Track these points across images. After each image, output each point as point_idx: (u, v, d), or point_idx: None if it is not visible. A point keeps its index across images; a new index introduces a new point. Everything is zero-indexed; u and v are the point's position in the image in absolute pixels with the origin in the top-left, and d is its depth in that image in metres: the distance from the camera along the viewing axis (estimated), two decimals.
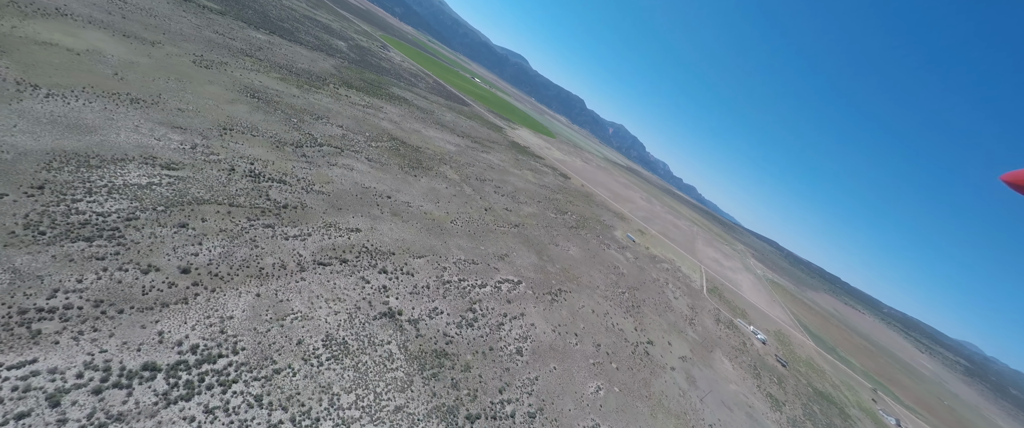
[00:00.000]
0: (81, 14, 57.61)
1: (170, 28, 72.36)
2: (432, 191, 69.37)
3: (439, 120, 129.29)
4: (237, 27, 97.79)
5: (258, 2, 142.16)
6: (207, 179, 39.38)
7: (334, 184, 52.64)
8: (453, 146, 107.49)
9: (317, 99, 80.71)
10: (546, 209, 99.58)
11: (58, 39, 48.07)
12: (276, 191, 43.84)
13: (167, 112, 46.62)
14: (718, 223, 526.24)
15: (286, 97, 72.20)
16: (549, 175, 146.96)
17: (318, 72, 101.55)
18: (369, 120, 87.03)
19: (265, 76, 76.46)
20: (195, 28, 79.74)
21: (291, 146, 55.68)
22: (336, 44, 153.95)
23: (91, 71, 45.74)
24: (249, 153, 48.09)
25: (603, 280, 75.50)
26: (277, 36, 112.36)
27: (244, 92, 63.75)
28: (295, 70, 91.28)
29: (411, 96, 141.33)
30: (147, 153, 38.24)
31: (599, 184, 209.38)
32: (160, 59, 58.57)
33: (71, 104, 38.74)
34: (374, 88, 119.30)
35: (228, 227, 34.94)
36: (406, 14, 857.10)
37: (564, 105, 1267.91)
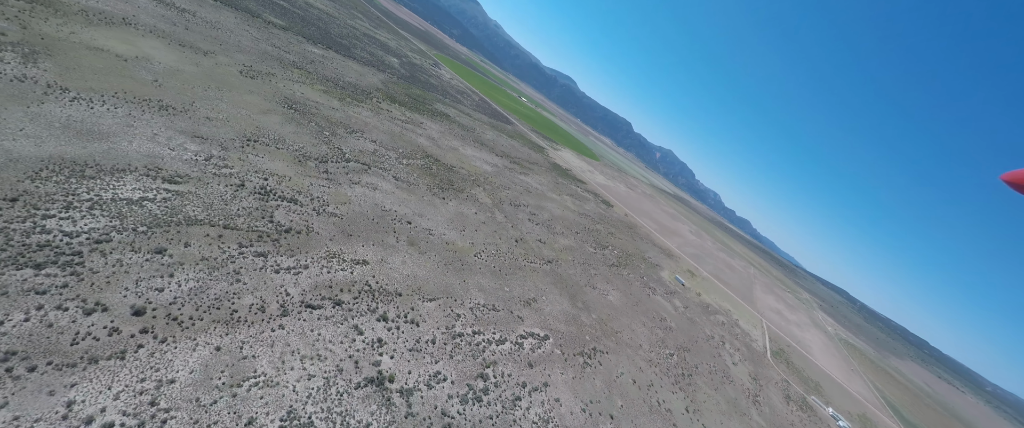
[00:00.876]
0: (145, 24, 60.15)
1: (229, 40, 74.98)
2: (459, 217, 63.15)
3: (479, 138, 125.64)
4: (295, 41, 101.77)
5: (323, 21, 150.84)
6: (209, 196, 35.78)
7: (351, 205, 47.99)
8: (490, 166, 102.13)
9: (356, 112, 79.35)
10: (585, 242, 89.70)
11: (111, 45, 49.07)
12: (283, 212, 39.53)
13: (194, 120, 44.97)
14: (777, 265, 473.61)
15: (324, 109, 70.99)
16: (590, 202, 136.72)
17: (364, 86, 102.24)
18: (405, 136, 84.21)
19: (309, 88, 76.47)
20: (254, 41, 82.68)
21: (315, 161, 52.42)
22: (389, 60, 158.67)
23: (131, 77, 45.52)
24: (266, 167, 44.87)
25: (647, 336, 63.67)
26: (333, 51, 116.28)
27: (282, 103, 62.79)
28: (341, 83, 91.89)
29: (454, 113, 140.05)
30: (153, 164, 35.51)
31: (644, 214, 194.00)
32: (208, 68, 59.11)
33: (94, 109, 37.43)
34: (418, 103, 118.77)
35: (212, 255, 30.32)
36: (462, 35, 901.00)
37: (610, 127, 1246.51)
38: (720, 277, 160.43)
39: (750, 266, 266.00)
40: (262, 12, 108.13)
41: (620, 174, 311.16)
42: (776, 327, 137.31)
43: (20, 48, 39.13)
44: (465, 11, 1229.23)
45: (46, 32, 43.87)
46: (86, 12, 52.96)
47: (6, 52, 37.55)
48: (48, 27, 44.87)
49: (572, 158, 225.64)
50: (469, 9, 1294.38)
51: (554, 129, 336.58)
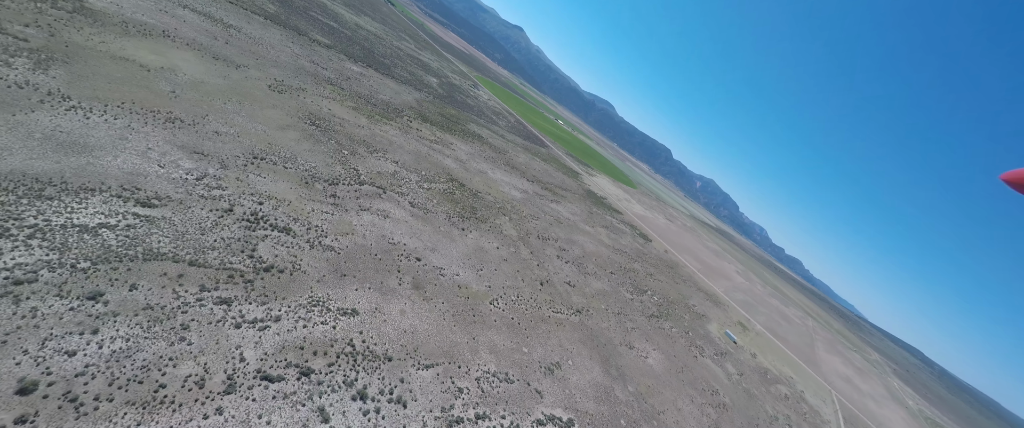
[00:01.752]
0: (185, 37, 60.35)
1: (267, 55, 75.11)
2: (478, 252, 55.65)
3: (510, 161, 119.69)
4: (336, 59, 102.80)
5: (369, 41, 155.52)
6: (185, 223, 30.84)
7: (354, 236, 42.00)
8: (519, 192, 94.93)
9: (383, 131, 75.92)
10: (620, 285, 78.64)
11: (138, 56, 48.07)
12: (269, 244, 33.94)
13: (200, 135, 41.66)
14: (836, 315, 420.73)
15: (349, 126, 67.78)
16: (627, 235, 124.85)
17: (398, 104, 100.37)
18: (431, 157, 79.44)
19: (338, 104, 74.28)
20: (293, 57, 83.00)
21: (324, 183, 47.61)
22: (428, 80, 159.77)
23: (147, 87, 43.47)
24: (266, 189, 40.18)
25: (697, 418, 51.22)
26: (372, 69, 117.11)
27: (304, 118, 59.89)
28: (374, 101, 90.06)
29: (487, 134, 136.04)
30: (132, 183, 31.35)
31: (686, 250, 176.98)
32: (235, 81, 57.59)
33: (90, 119, 34.51)
34: (450, 123, 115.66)
35: (161, 302, 24.56)
36: (505, 59, 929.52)
37: (648, 153, 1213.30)
38: (776, 331, 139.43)
39: (808, 317, 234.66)
40: (310, 31, 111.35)
41: (659, 204, 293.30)
42: (849, 401, 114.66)
43: (37, 54, 37.73)
44: (509, 36, 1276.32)
45: (74, 40, 43.08)
46: (126, 23, 53.26)
47: (19, 57, 36.02)
48: (78, 36, 44.26)
49: (608, 185, 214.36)
50: (512, 35, 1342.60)
51: (590, 153, 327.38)
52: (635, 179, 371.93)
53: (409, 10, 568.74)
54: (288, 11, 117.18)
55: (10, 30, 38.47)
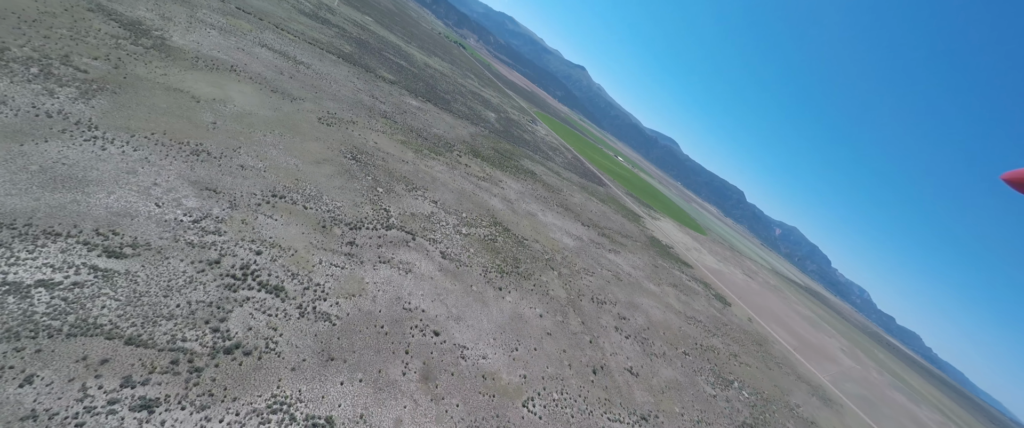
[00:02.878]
0: (250, 71, 62.09)
1: (328, 89, 76.21)
2: (516, 322, 44.52)
3: (565, 202, 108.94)
4: (396, 94, 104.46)
5: (434, 78, 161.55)
6: (150, 280, 24.91)
7: (361, 299, 33.92)
8: (572, 239, 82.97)
9: (428, 166, 70.95)
10: (697, 372, 60.73)
11: (195, 88, 48.18)
12: (246, 312, 26.80)
13: (222, 169, 38.10)
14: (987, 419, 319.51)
15: (392, 161, 63.49)
16: (700, 296, 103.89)
17: (451, 138, 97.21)
18: (477, 196, 72.11)
19: (387, 137, 71.47)
20: (354, 91, 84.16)
21: (345, 226, 41.31)
22: (486, 115, 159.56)
23: (187, 118, 41.97)
24: (272, 234, 34.37)
25: None
26: (431, 104, 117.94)
27: (345, 152, 56.40)
28: (426, 135, 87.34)
29: (541, 171, 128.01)
30: (113, 226, 26.73)
31: (774, 317, 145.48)
32: (286, 114, 56.50)
33: (105, 151, 31.87)
34: (503, 159, 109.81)
35: (53, 407, 17.46)
36: (565, 96, 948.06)
37: (717, 194, 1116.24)
38: None
39: (949, 423, 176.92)
40: (378, 68, 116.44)
41: (734, 255, 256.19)
42: None
43: (89, 85, 37.56)
44: (571, 75, 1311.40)
45: (136, 72, 43.74)
46: (198, 58, 55.39)
47: (67, 87, 35.69)
48: (143, 68, 45.17)
49: (674, 230, 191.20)
50: (574, 74, 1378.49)
51: (653, 193, 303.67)
52: (704, 223, 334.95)
53: (479, 53, 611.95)
54: (363, 51, 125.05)
55: (75, 62, 39.35)
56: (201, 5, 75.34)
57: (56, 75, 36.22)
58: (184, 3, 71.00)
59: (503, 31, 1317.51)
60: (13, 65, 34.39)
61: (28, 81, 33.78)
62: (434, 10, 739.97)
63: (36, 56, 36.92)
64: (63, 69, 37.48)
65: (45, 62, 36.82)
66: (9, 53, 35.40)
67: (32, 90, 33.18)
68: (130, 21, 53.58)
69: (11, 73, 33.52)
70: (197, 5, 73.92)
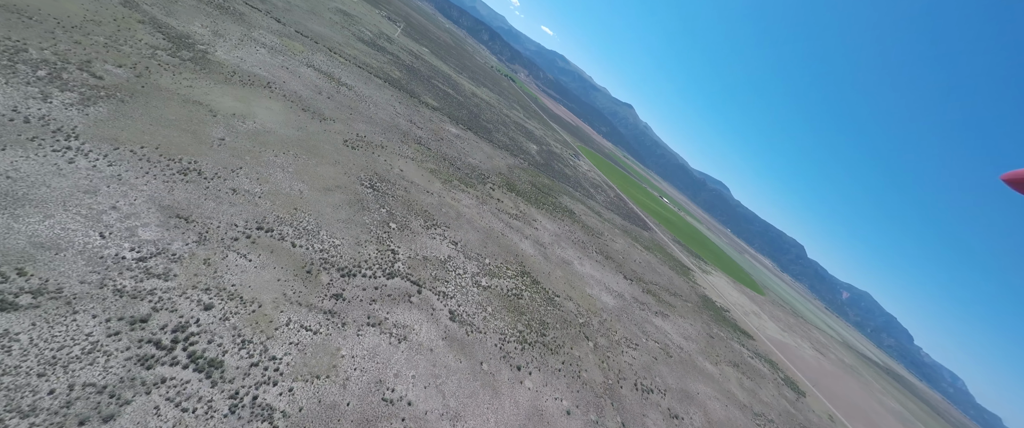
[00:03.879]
0: (288, 89, 60.06)
1: (365, 111, 73.43)
2: (535, 421, 33.22)
3: (605, 248, 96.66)
4: (437, 120, 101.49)
5: (479, 107, 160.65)
6: (28, 350, 17.98)
7: (326, 383, 25.13)
8: (612, 297, 70.32)
9: (456, 199, 63.76)
10: None
11: (218, 101, 45.23)
12: (149, 405, 18.90)
13: (208, 192, 32.63)
14: None
15: (415, 191, 56.95)
16: (767, 382, 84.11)
17: (485, 169, 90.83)
18: (506, 238, 63.14)
19: (416, 165, 65.87)
20: (391, 115, 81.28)
21: (335, 272, 33.73)
22: (527, 146, 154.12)
23: (193, 132, 37.95)
24: (236, 282, 27.29)
25: None
26: (471, 132, 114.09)
27: (364, 179, 50.60)
28: (458, 164, 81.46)
29: (581, 210, 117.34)
30: (24, 262, 20.72)
31: (860, 415, 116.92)
32: (310, 134, 52.49)
33: (73, 164, 27.21)
34: (540, 195, 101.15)
35: None
36: (610, 132, 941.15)
37: (772, 246, 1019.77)
38: None
39: None
40: (423, 94, 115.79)
41: (799, 322, 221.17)
42: None
43: (96, 92, 34.61)
44: (617, 113, 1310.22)
45: (158, 82, 41.29)
46: (235, 73, 53.79)
47: (69, 92, 32.66)
48: (168, 79, 42.87)
49: (728, 288, 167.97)
50: (621, 111, 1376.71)
51: (701, 241, 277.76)
52: (760, 280, 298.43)
53: (528, 87, 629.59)
54: (411, 77, 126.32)
55: (94, 68, 37.15)
56: (259, 25, 77.64)
57: (63, 79, 33.58)
58: (242, 22, 73.07)
59: (553, 68, 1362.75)
60: (21, 66, 32.02)
61: (27, 83, 30.95)
62: (490, 46, 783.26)
63: (53, 59, 34.87)
64: (75, 74, 35.04)
65: (59, 66, 34.56)
66: (25, 55, 33.42)
67: (24, 92, 30.11)
68: (178, 34, 53.59)
69: (13, 74, 30.91)
70: (255, 25, 76.08)
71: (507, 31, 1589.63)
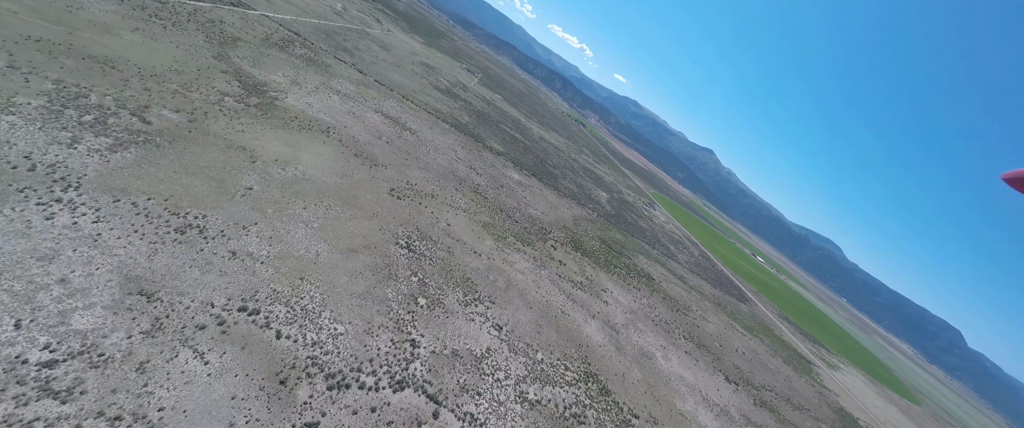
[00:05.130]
0: (347, 133, 57.91)
1: (422, 157, 69.25)
2: None
3: (695, 331, 75.35)
4: (499, 165, 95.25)
5: (546, 152, 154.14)
6: None
7: None
8: (714, 416, 49.97)
9: (508, 261, 52.91)
10: None
11: (265, 147, 42.51)
12: None
13: (197, 258, 26.55)
14: None
15: (460, 252, 47.56)
16: None
17: (549, 222, 79.62)
18: (567, 319, 49.38)
19: (467, 218, 57.52)
20: (450, 161, 76.45)
21: (321, 381, 24.03)
22: (597, 194, 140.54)
23: (219, 180, 33.93)
24: (162, 407, 18.83)
25: None
26: (535, 179, 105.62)
27: (401, 236, 42.83)
28: (518, 216, 71.69)
29: (660, 274, 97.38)
30: None
31: None
32: (355, 181, 47.60)
33: (50, 220, 22.90)
34: (611, 254, 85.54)
35: None
36: (688, 178, 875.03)
37: (909, 326, 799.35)
38: None
39: None
40: (489, 139, 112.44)
41: None
42: None
43: (134, 136, 32.59)
44: (696, 158, 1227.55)
45: (209, 127, 39.62)
46: (296, 118, 52.73)
47: (104, 137, 30.59)
48: (221, 124, 41.37)
49: (868, 393, 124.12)
50: (701, 156, 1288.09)
51: (816, 317, 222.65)
52: (907, 378, 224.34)
53: (598, 131, 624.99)
54: (479, 122, 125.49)
55: (148, 113, 36.14)
56: (340, 75, 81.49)
57: (107, 124, 32.06)
58: (325, 73, 76.86)
59: (625, 113, 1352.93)
60: (68, 111, 31.06)
61: (63, 128, 29.31)
62: (562, 94, 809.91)
63: (109, 104, 34.24)
64: (124, 119, 33.76)
65: (110, 111, 33.61)
66: (82, 100, 32.99)
67: (52, 137, 28.12)
68: (255, 82, 55.17)
69: (56, 118, 29.63)
70: (336, 75, 79.83)
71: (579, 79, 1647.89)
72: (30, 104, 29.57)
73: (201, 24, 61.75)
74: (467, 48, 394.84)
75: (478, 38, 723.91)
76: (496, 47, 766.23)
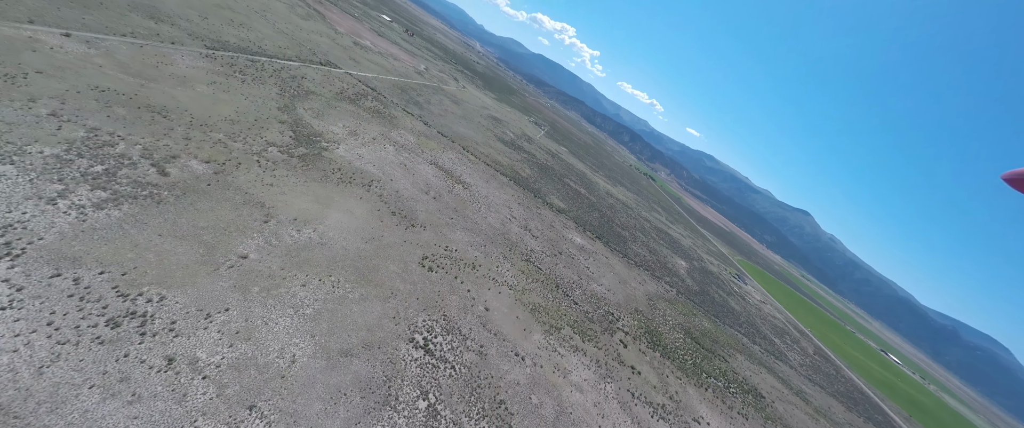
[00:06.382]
0: (392, 187, 52.37)
1: (472, 215, 61.09)
2: None
3: None
4: (560, 225, 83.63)
5: (613, 209, 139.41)
6: None
7: None
8: None
9: (562, 368, 38.76)
10: None
11: (286, 203, 37.18)
12: None
13: (120, 364, 18.81)
14: None
15: (495, 353, 35.25)
16: None
17: (616, 303, 63.85)
18: None
19: (512, 298, 45.75)
20: (502, 221, 67.24)
21: None
22: (674, 263, 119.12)
23: (208, 247, 27.73)
24: None
25: None
26: (600, 242, 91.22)
27: (416, 331, 32.43)
28: (577, 294, 57.78)
29: (771, 386, 71.82)
30: None
31: None
32: (379, 248, 39.84)
33: None
34: (701, 355, 64.98)
35: None
36: (779, 243, 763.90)
37: None
38: None
39: None
40: (549, 194, 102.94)
41: None
42: None
43: (137, 189, 28.48)
44: (787, 219, 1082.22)
45: (233, 180, 35.52)
46: (339, 169, 48.57)
47: (99, 191, 26.58)
48: (249, 176, 37.35)
49: None
50: (792, 218, 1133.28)
51: None
52: None
53: (669, 186, 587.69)
54: (541, 175, 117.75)
55: (174, 163, 32.89)
56: (403, 127, 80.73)
57: (115, 176, 28.51)
58: (388, 124, 76.28)
59: (699, 167, 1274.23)
60: (81, 161, 28.11)
61: (59, 180, 25.77)
62: (630, 147, 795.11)
63: (132, 154, 31.45)
64: (140, 169, 30.36)
65: (129, 161, 30.54)
66: (107, 149, 30.46)
67: (35, 190, 24.33)
68: (311, 133, 53.52)
69: (56, 168, 26.45)
70: (399, 126, 79.06)
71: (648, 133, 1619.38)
72: (42, 153, 26.99)
73: (282, 79, 64.83)
74: (536, 103, 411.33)
75: (548, 94, 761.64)
76: (565, 102, 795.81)
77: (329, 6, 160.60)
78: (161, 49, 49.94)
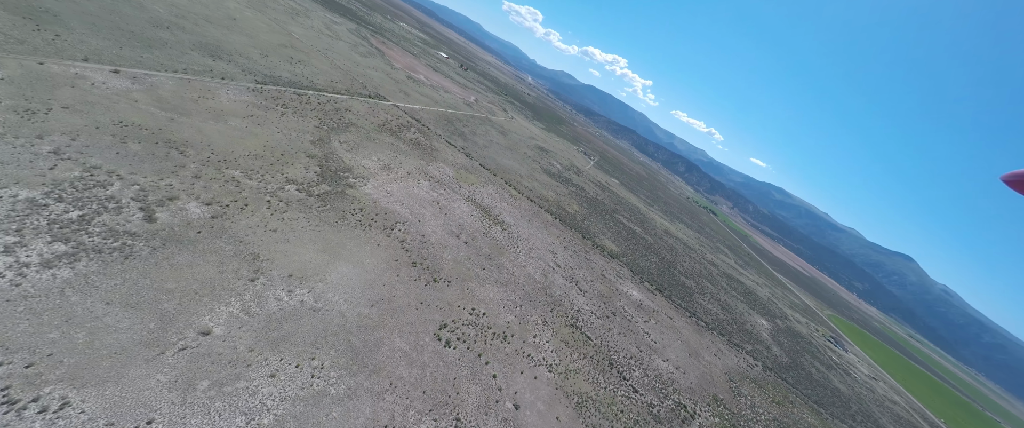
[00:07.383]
0: (415, 231, 45.76)
1: (507, 265, 52.29)
2: None
3: None
4: (612, 273, 71.29)
5: (674, 252, 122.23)
6: None
7: None
8: None
9: None
10: None
11: (288, 253, 31.45)
12: None
13: None
14: None
15: None
16: None
17: (687, 388, 49.51)
18: None
19: (553, 385, 35.04)
20: (544, 271, 57.40)
21: None
22: (754, 323, 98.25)
23: (166, 315, 21.91)
24: None
25: None
26: (662, 295, 76.60)
27: None
28: (636, 377, 44.95)
29: None
30: None
31: None
32: (387, 312, 32.28)
33: None
34: None
35: None
36: (873, 291, 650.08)
37: None
38: None
39: None
40: (600, 234, 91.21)
41: None
42: None
43: (107, 241, 24.03)
44: (882, 264, 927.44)
45: (231, 226, 30.72)
46: (362, 210, 43.12)
47: (59, 243, 22.24)
48: (253, 220, 32.52)
49: None
50: (888, 262, 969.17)
51: None
52: None
53: (732, 221, 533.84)
54: (591, 211, 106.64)
55: (164, 207, 28.77)
56: (444, 160, 76.22)
57: (89, 224, 24.44)
58: (427, 156, 72.07)
59: (767, 200, 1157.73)
60: (57, 205, 24.47)
61: (12, 231, 21.81)
62: (686, 178, 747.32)
63: (122, 196, 27.76)
64: (123, 215, 26.30)
65: (115, 205, 26.69)
66: (96, 191, 27.00)
67: None
68: (340, 168, 49.66)
69: (19, 217, 22.70)
70: (438, 159, 74.59)
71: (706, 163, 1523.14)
72: (15, 197, 23.64)
73: (325, 112, 63.76)
74: (586, 132, 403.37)
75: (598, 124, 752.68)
76: (615, 132, 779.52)
77: (391, 45, 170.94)
78: (208, 84, 50.10)
